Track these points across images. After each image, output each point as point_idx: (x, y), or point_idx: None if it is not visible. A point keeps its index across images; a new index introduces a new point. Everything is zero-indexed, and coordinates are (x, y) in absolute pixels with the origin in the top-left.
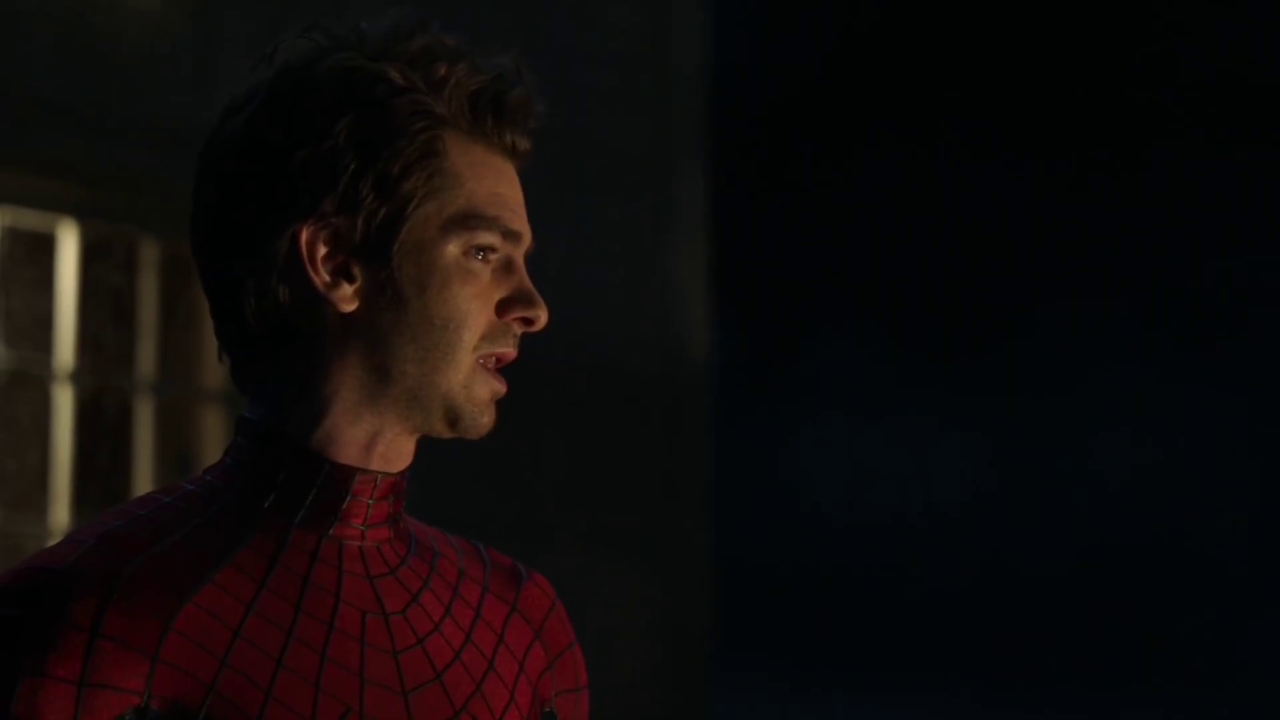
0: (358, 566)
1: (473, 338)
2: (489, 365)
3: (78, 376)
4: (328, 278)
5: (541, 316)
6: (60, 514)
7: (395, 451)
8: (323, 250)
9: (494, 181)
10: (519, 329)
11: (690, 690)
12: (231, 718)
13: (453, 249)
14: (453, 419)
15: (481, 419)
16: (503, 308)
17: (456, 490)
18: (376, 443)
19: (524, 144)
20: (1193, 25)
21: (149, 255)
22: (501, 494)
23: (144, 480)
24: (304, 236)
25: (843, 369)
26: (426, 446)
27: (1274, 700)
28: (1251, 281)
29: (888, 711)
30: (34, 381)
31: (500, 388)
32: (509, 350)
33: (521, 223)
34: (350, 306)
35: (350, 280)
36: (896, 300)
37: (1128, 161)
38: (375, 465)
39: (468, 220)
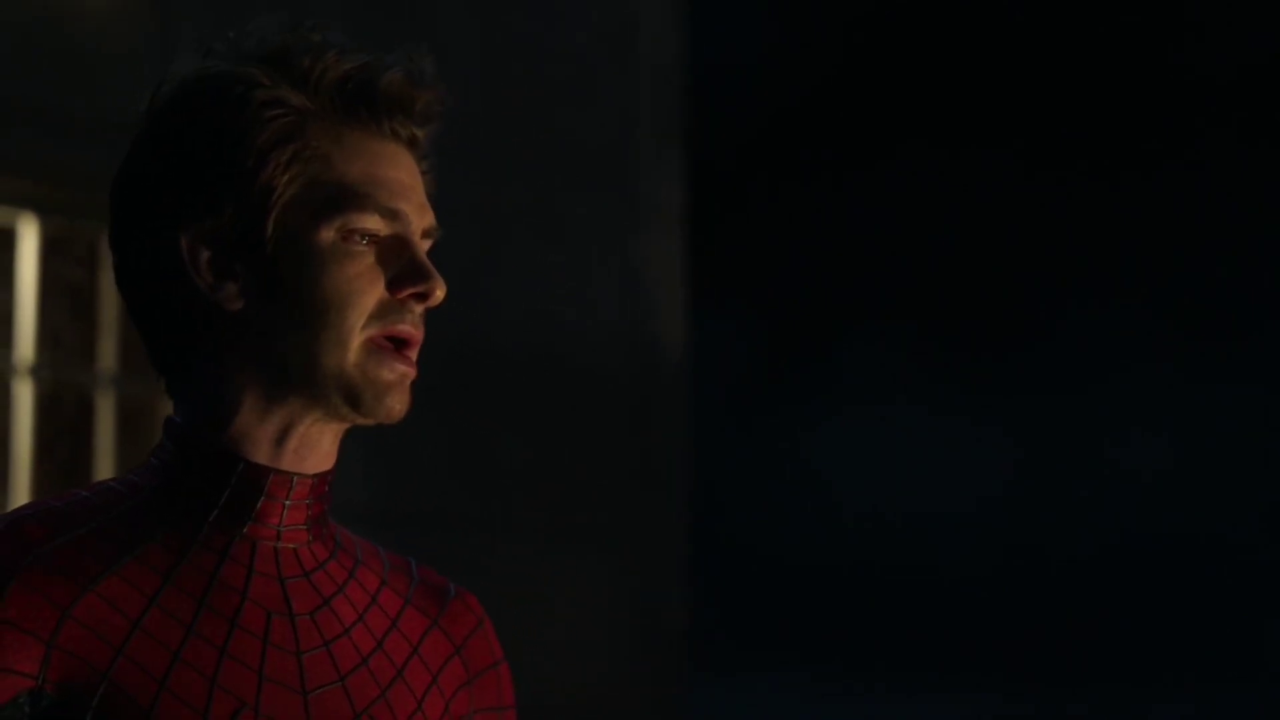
0: (270, 567)
1: (359, 317)
2: (386, 346)
3: (38, 371)
4: (211, 279)
5: (436, 291)
6: None
7: (310, 448)
8: (205, 254)
9: (369, 164)
10: (415, 305)
11: (666, 687)
12: (124, 706)
13: (327, 233)
14: (352, 399)
15: (387, 400)
16: (393, 284)
17: (424, 483)
18: (288, 438)
19: (409, 130)
20: (1214, 23)
21: (109, 250)
22: (469, 488)
23: (104, 475)
24: (184, 243)
25: (867, 366)
26: (394, 440)
27: None
28: (1276, 279)
29: (913, 708)
30: None
31: (407, 370)
32: (406, 328)
33: (404, 201)
34: (236, 305)
35: (234, 279)
36: (921, 298)
37: (1152, 160)
38: (288, 464)
39: (338, 202)
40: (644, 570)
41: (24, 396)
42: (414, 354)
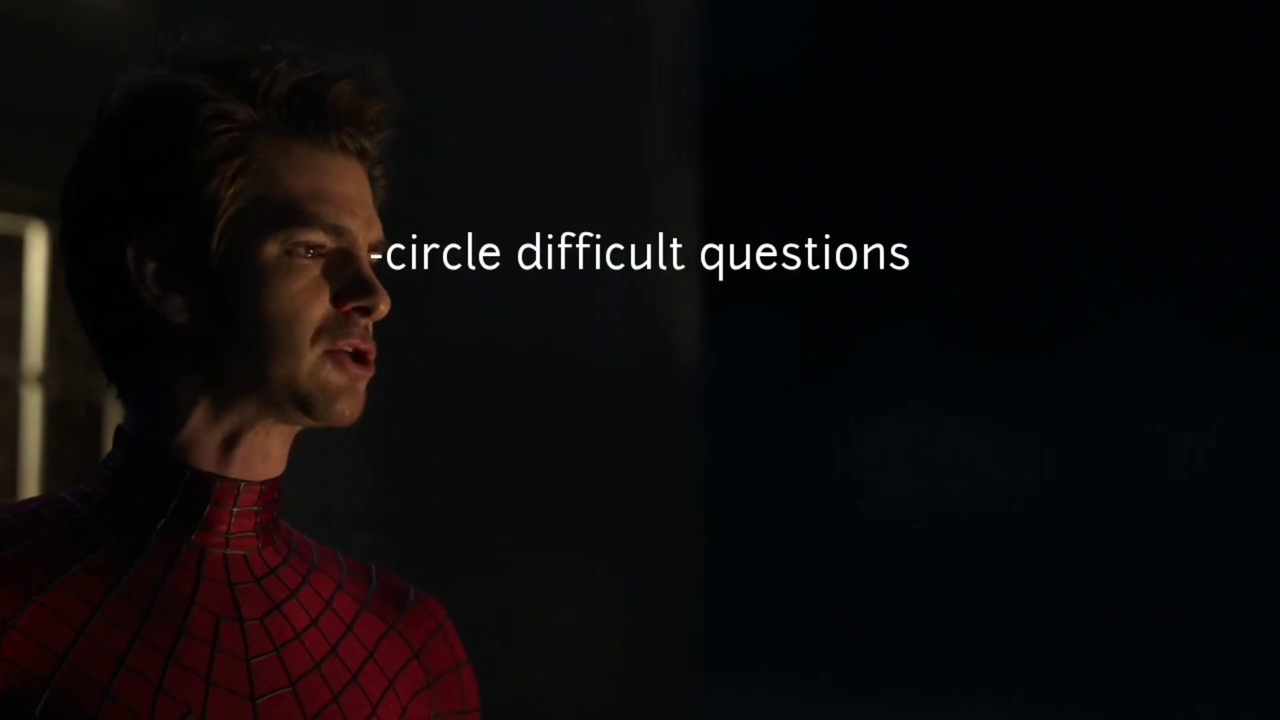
0: (219, 573)
1: (307, 330)
2: (342, 355)
3: (47, 379)
4: (157, 292)
5: (380, 305)
6: None
7: (259, 454)
8: (151, 266)
9: (316, 178)
10: (360, 319)
11: (679, 691)
12: (68, 714)
13: (272, 248)
14: (304, 404)
15: (339, 404)
16: (337, 298)
17: (434, 488)
18: (237, 445)
19: (358, 142)
20: (1247, 26)
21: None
22: (479, 493)
23: None
24: (130, 254)
25: (887, 370)
26: (403, 443)
27: None
28: None
29: (929, 711)
30: (3, 384)
31: (361, 373)
32: (354, 341)
33: (349, 217)
34: (182, 318)
35: (180, 292)
36: (942, 301)
37: (1182, 162)
38: (236, 471)
39: (283, 218)
40: (658, 574)
41: (33, 403)
42: (370, 362)
